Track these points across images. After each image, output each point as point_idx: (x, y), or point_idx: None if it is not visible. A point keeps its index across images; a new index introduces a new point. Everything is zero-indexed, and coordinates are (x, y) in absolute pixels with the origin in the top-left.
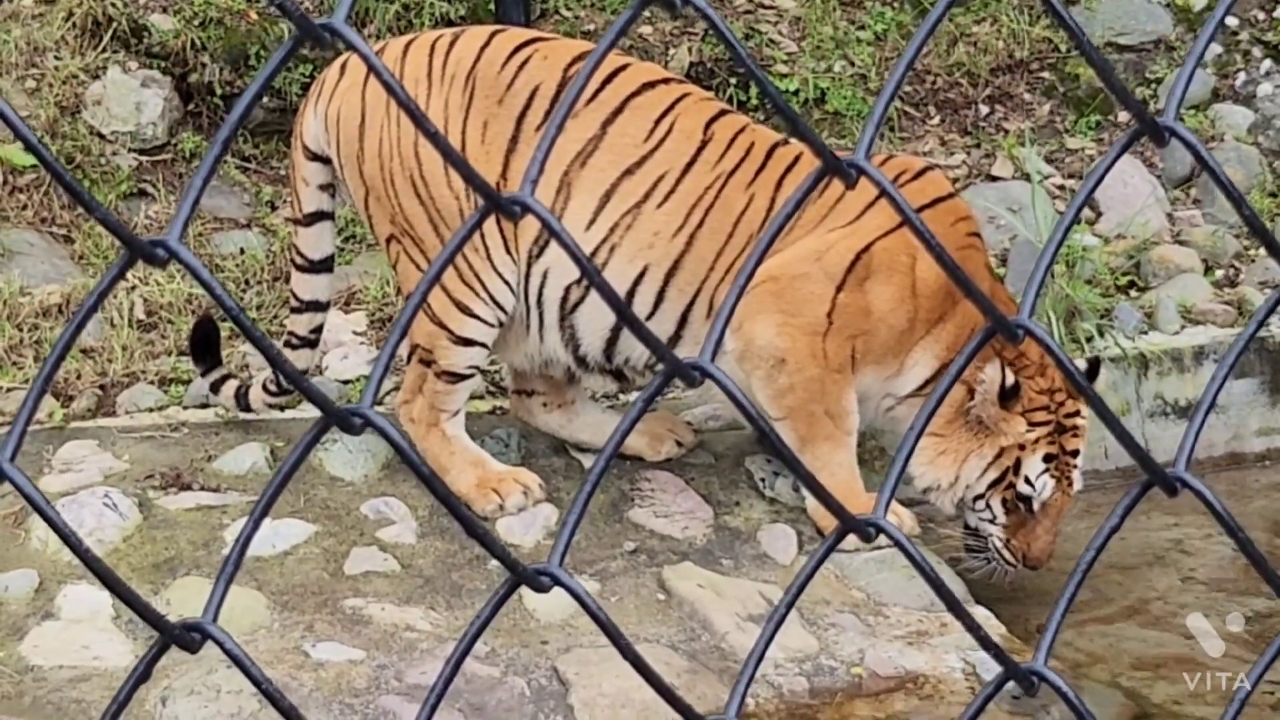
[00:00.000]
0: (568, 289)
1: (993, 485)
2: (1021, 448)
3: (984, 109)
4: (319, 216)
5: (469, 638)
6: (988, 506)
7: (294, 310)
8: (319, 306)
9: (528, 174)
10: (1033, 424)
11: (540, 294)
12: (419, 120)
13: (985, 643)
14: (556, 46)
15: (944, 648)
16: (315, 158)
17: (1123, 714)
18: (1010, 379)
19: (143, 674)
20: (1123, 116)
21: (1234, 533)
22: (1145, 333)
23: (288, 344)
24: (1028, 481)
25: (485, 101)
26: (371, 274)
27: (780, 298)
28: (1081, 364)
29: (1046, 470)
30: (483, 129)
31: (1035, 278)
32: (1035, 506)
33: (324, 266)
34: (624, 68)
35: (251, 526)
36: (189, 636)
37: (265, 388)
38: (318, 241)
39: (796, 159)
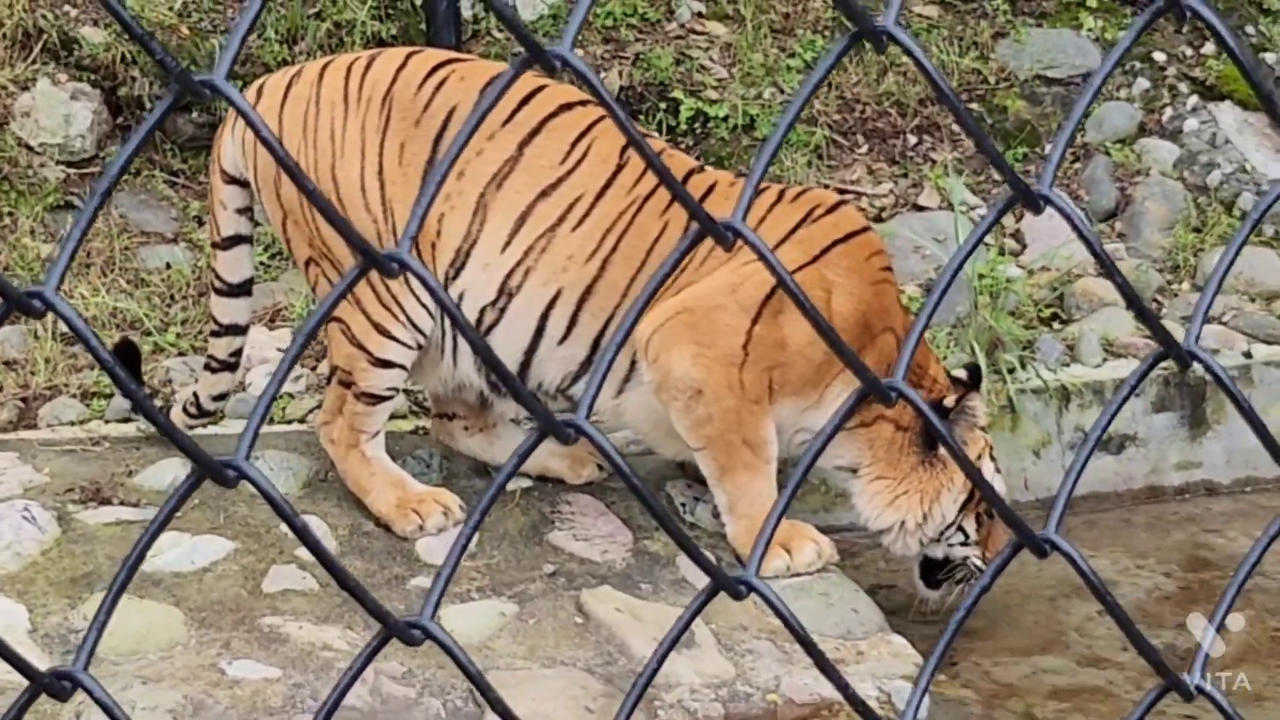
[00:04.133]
0: (482, 311)
1: (963, 508)
2: (979, 458)
3: (912, 139)
4: (237, 240)
5: (340, 689)
6: (959, 529)
7: (213, 334)
8: (238, 330)
9: (406, 230)
10: (983, 428)
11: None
12: (296, 177)
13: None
14: (474, 67)
15: (860, 675)
16: (233, 181)
17: None
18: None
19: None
20: (1049, 149)
21: (1102, 597)
22: (1067, 365)
23: (207, 367)
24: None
25: (402, 123)
26: (297, 291)
27: (696, 329)
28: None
29: (996, 470)
30: (400, 150)
31: (911, 338)
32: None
33: (243, 290)
34: (541, 88)
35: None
36: (59, 685)
37: (185, 409)
38: (236, 265)
39: (712, 186)
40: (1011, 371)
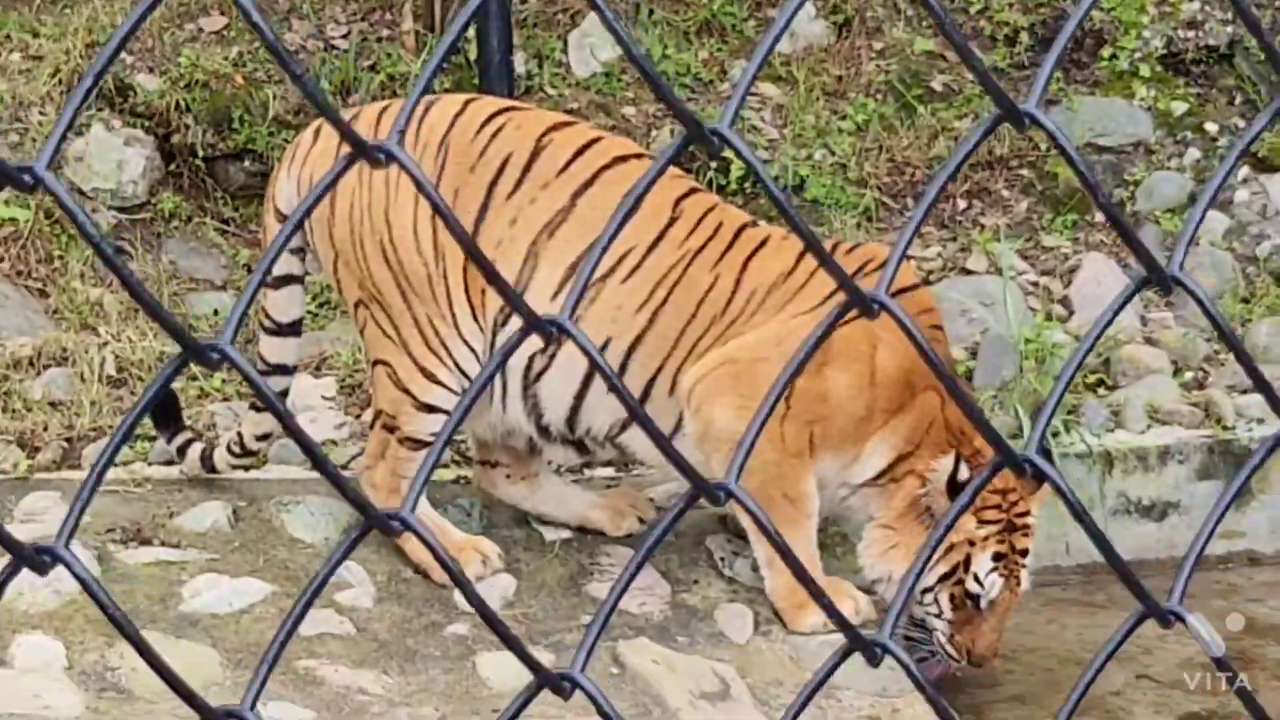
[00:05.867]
0: (532, 358)
1: (942, 580)
2: (971, 544)
3: (961, 203)
4: (289, 280)
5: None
6: (935, 600)
7: (260, 373)
8: (285, 370)
9: (568, 299)
10: (983, 521)
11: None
12: (449, 222)
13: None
14: (530, 116)
15: None
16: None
17: None
18: (964, 473)
19: None
20: (1099, 216)
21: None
22: (1112, 430)
23: (253, 406)
24: (976, 579)
25: (457, 168)
26: (344, 340)
27: (739, 380)
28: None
29: (995, 569)
30: (454, 196)
31: (1045, 413)
32: (983, 604)
33: (291, 330)
34: (597, 140)
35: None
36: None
37: (230, 449)
38: (287, 305)
39: (764, 241)
40: (1056, 436)
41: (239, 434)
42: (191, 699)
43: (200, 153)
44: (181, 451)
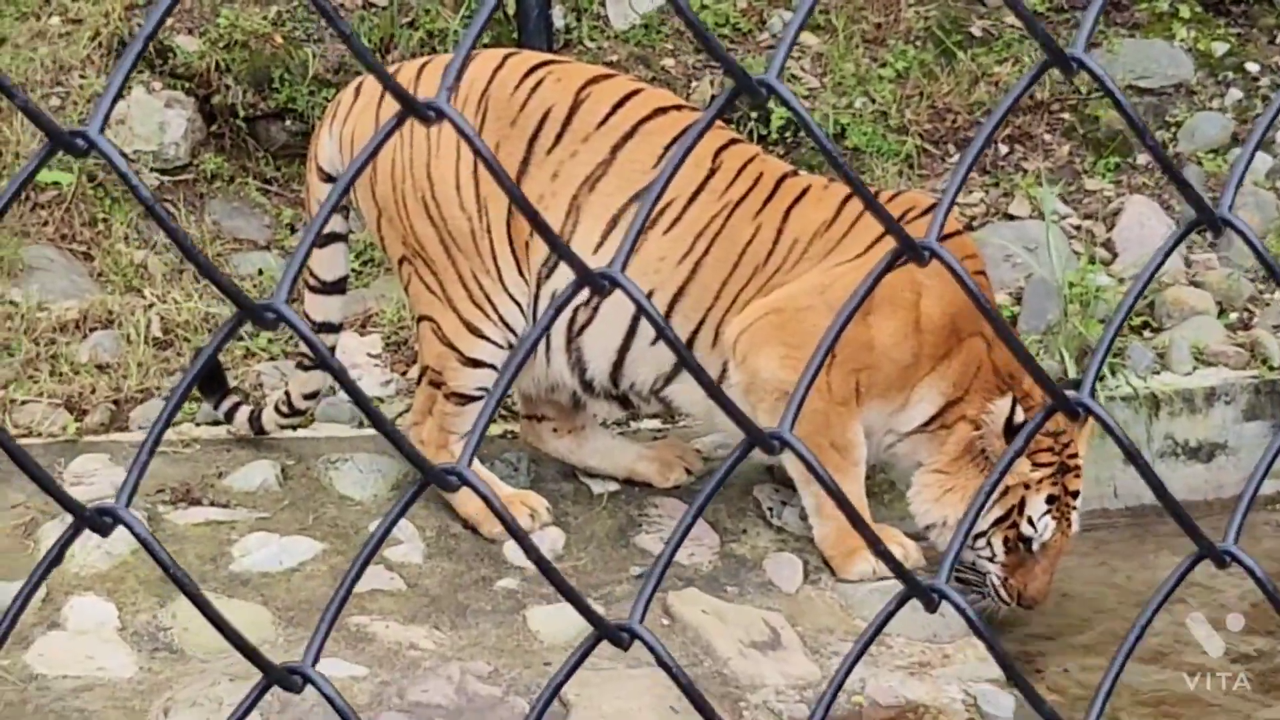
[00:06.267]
0: (575, 311)
1: (996, 523)
2: (1026, 487)
3: (1003, 148)
4: (333, 238)
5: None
6: (988, 544)
7: None
8: (332, 328)
9: (619, 252)
10: (1037, 464)
11: None
12: (503, 181)
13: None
14: (570, 70)
15: (945, 679)
16: (330, 179)
17: None
18: (1019, 415)
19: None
20: (1141, 159)
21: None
22: (1157, 373)
23: (300, 365)
24: (1030, 522)
25: (498, 123)
26: (388, 297)
27: (784, 330)
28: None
29: (1049, 511)
30: (495, 150)
31: (1097, 357)
32: (1035, 547)
33: (337, 288)
34: (636, 92)
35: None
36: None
37: (278, 409)
38: (331, 263)
39: (805, 190)
40: (1101, 379)
41: (286, 394)
42: (254, 656)
43: (241, 113)
44: (229, 416)
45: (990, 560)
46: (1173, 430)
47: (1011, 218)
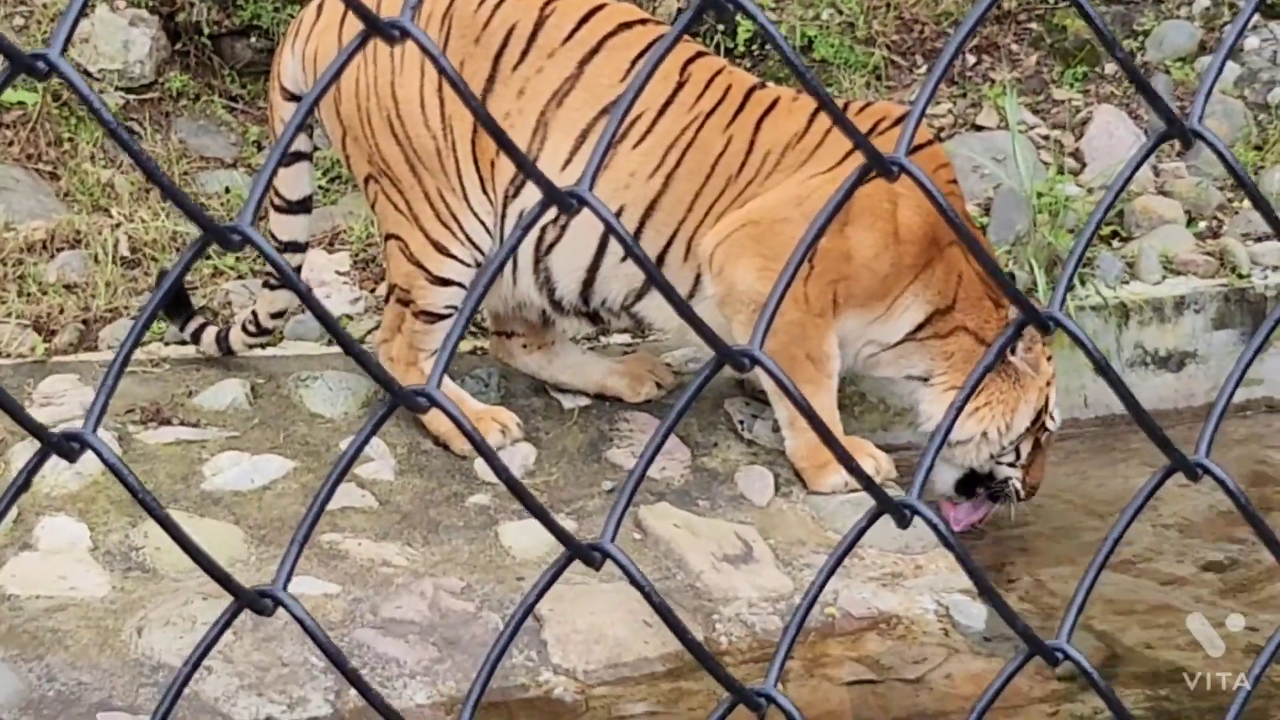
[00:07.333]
0: (544, 229)
1: (1028, 428)
2: (1048, 384)
3: (970, 59)
4: (297, 157)
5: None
6: (1016, 450)
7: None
8: (297, 247)
9: (587, 169)
10: (1049, 359)
11: None
12: (467, 99)
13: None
14: None
15: (917, 590)
16: (293, 98)
17: (1094, 656)
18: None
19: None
20: (1109, 68)
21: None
22: (1127, 282)
23: (266, 284)
24: (1052, 416)
25: (461, 41)
26: (356, 214)
27: (760, 241)
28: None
29: (1057, 402)
30: (460, 69)
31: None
32: (1044, 440)
33: (302, 207)
34: (601, 7)
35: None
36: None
37: (245, 328)
38: (296, 182)
39: (774, 102)
40: (1071, 290)
41: (253, 313)
42: (226, 581)
43: (206, 30)
44: (196, 336)
45: (1013, 465)
46: (1142, 339)
47: (979, 128)
